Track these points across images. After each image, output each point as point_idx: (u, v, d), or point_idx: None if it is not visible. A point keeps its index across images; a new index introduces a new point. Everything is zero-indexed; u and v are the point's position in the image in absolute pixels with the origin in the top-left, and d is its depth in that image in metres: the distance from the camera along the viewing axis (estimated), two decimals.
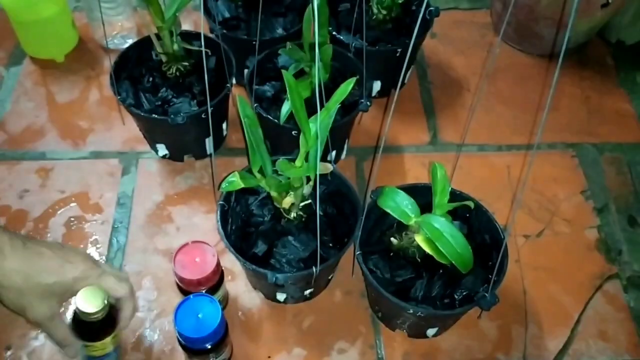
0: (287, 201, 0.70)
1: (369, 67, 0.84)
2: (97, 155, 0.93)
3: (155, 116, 0.83)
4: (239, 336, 0.76)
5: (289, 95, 0.60)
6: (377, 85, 0.99)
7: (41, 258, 0.60)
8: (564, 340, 0.77)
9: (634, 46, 1.11)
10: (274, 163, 0.66)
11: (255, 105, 0.81)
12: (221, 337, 0.66)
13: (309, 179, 0.68)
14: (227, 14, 0.96)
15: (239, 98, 0.65)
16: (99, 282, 0.62)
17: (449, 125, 0.99)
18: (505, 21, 0.67)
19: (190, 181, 0.90)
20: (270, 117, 0.80)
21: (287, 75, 0.61)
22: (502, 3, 1.09)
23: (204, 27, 0.86)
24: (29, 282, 0.59)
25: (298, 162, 0.66)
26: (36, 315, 0.61)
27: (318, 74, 0.55)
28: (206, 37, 0.90)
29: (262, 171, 0.67)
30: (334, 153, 0.88)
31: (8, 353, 0.73)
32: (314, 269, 0.68)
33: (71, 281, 0.61)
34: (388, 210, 0.67)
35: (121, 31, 1.05)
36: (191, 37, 0.88)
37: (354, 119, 0.88)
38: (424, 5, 0.52)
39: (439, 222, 0.64)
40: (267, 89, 0.86)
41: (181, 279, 0.69)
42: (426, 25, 0.94)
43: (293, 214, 0.71)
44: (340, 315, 0.78)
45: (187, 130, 0.85)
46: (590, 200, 0.91)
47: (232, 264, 0.81)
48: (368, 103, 0.82)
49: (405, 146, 0.96)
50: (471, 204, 0.72)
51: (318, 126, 0.62)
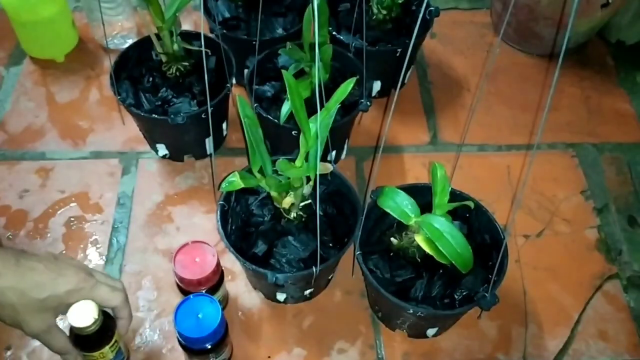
0: (287, 201, 0.70)
1: (369, 67, 0.84)
2: (97, 155, 0.93)
3: (155, 116, 0.83)
4: (239, 336, 0.76)
5: (289, 95, 0.60)
6: (377, 85, 0.99)
7: (34, 273, 0.60)
8: (564, 340, 0.77)
9: (634, 46, 1.11)
10: (274, 163, 0.66)
11: (255, 105, 0.81)
12: (221, 337, 0.66)
13: (309, 179, 0.68)
14: (227, 14, 0.96)
15: (239, 98, 0.65)
16: (92, 294, 0.62)
17: (449, 125, 0.99)
18: (505, 21, 0.68)
19: (190, 181, 0.90)
20: (270, 117, 0.80)
21: (287, 75, 0.61)
22: (502, 3, 1.09)
23: (204, 27, 0.86)
24: (23, 298, 0.59)
25: (298, 162, 0.66)
26: (32, 329, 0.61)
27: (318, 74, 0.55)
28: (206, 37, 0.90)
29: (262, 171, 0.67)
30: (334, 153, 0.88)
31: (8, 353, 0.74)
32: (314, 269, 0.68)
33: (64, 294, 0.61)
34: (388, 210, 0.67)
35: (121, 31, 1.04)
36: (191, 37, 0.88)
37: (354, 119, 0.88)
38: (424, 5, 0.52)
39: (439, 222, 0.64)
40: (267, 89, 0.86)
41: (181, 279, 0.69)
42: (426, 25, 0.94)
43: (293, 214, 0.71)
44: (340, 315, 0.78)
45: (187, 130, 0.85)
46: (590, 200, 0.91)
47: (232, 264, 0.81)
48: (368, 103, 0.82)
49: (405, 146, 0.96)
50: (471, 204, 0.72)
51: (318, 126, 0.62)
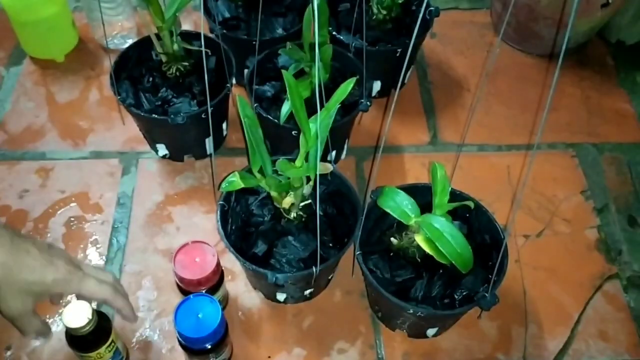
0: (287, 201, 0.70)
1: (369, 67, 0.84)
2: (97, 155, 0.93)
3: (155, 116, 0.83)
4: (239, 336, 0.76)
5: (289, 95, 0.60)
6: (377, 85, 0.99)
7: (27, 255, 0.60)
8: (564, 340, 0.77)
9: (634, 46, 1.11)
10: (274, 163, 0.66)
11: (255, 105, 0.81)
12: (221, 337, 0.66)
13: (309, 179, 0.68)
14: (227, 14, 0.96)
15: (239, 98, 0.65)
16: (79, 286, 0.62)
17: (448, 125, 0.99)
18: (505, 21, 0.68)
19: (190, 181, 0.90)
20: (270, 117, 0.80)
21: (287, 75, 0.61)
22: (502, 3, 1.09)
23: (204, 27, 0.86)
24: (11, 276, 0.59)
25: (298, 162, 0.66)
26: (10, 309, 0.61)
27: (318, 74, 0.55)
28: (206, 37, 0.90)
29: (262, 171, 0.67)
30: (334, 153, 0.88)
31: (8, 353, 0.74)
32: (314, 269, 0.68)
33: (51, 282, 0.61)
34: (388, 210, 0.67)
35: (121, 31, 1.04)
36: (191, 37, 0.88)
37: (354, 119, 0.88)
38: (424, 5, 0.52)
39: (439, 222, 0.64)
40: (267, 89, 0.86)
41: (181, 279, 0.69)
42: (426, 25, 0.94)
43: (293, 214, 0.71)
44: (340, 315, 0.78)
45: (187, 130, 0.85)
46: (590, 200, 0.91)
47: (232, 264, 0.81)
48: (368, 103, 0.82)
49: (405, 146, 0.96)
50: (471, 204, 0.72)
51: (318, 126, 0.62)
